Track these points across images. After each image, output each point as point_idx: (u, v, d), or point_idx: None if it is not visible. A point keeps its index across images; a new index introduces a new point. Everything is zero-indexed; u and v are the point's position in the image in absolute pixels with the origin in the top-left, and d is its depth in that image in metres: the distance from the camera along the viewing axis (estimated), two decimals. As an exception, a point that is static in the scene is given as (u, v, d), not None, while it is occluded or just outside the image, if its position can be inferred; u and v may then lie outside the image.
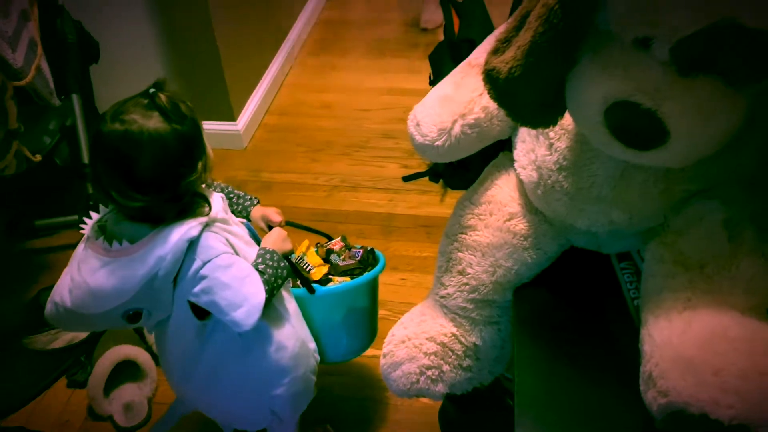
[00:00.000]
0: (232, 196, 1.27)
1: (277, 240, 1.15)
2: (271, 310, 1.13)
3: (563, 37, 0.79)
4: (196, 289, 1.02)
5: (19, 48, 1.41)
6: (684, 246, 0.88)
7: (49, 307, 1.06)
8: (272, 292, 1.07)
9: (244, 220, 1.22)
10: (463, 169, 1.21)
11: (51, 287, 1.74)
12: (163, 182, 0.99)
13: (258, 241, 1.19)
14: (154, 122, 0.97)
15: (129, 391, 1.57)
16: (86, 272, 1.01)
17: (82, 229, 1.07)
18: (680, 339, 0.77)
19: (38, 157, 1.68)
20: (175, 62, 2.26)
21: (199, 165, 1.01)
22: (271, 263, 1.09)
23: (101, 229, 1.04)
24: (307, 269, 1.32)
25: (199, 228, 1.01)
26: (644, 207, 0.93)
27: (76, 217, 1.84)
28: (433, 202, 2.13)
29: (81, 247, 1.05)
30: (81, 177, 1.89)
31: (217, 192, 1.15)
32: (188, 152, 1.00)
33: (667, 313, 0.82)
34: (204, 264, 1.01)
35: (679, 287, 0.85)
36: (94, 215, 1.07)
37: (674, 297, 0.83)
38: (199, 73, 2.26)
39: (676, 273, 0.86)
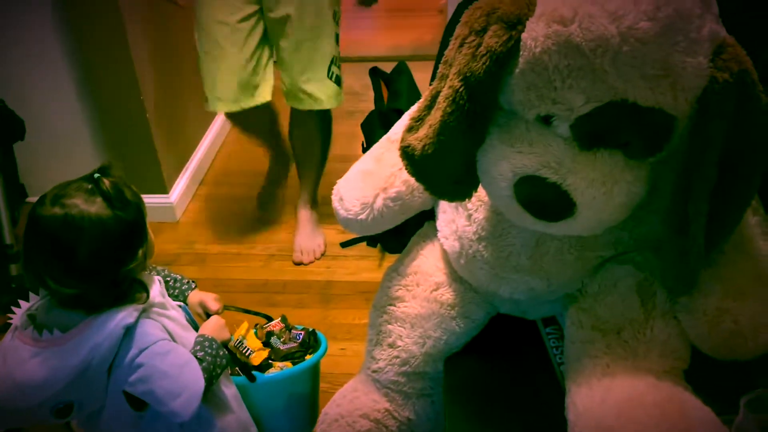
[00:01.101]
0: (169, 279, 1.24)
1: (215, 328, 1.12)
2: (212, 395, 1.09)
3: (470, 116, 0.81)
4: (132, 377, 0.97)
5: (-69, 132, 1.38)
6: (600, 311, 0.91)
7: None
8: (211, 380, 1.04)
9: (182, 304, 1.19)
10: (400, 234, 1.22)
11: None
12: (101, 269, 0.96)
13: (195, 326, 1.16)
14: (96, 208, 0.94)
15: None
16: (13, 364, 0.96)
17: (10, 318, 1.02)
18: (600, 407, 0.78)
19: (-45, 241, 1.61)
20: (105, 136, 2.23)
21: (140, 252, 0.99)
22: (210, 350, 1.06)
23: (31, 318, 1.00)
24: (247, 354, 1.29)
25: (136, 314, 0.98)
26: (561, 274, 0.95)
27: (-4, 301, 1.77)
28: (372, 267, 2.13)
29: (8, 337, 1.00)
30: (2, 259, 1.82)
31: (155, 275, 1.12)
32: (130, 239, 0.97)
33: (588, 380, 0.84)
34: (141, 351, 0.97)
35: (598, 353, 0.86)
36: (24, 304, 1.03)
37: (594, 363, 0.85)
38: (130, 146, 2.23)
39: (594, 338, 0.88)
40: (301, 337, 1.33)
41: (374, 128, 1.39)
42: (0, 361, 0.98)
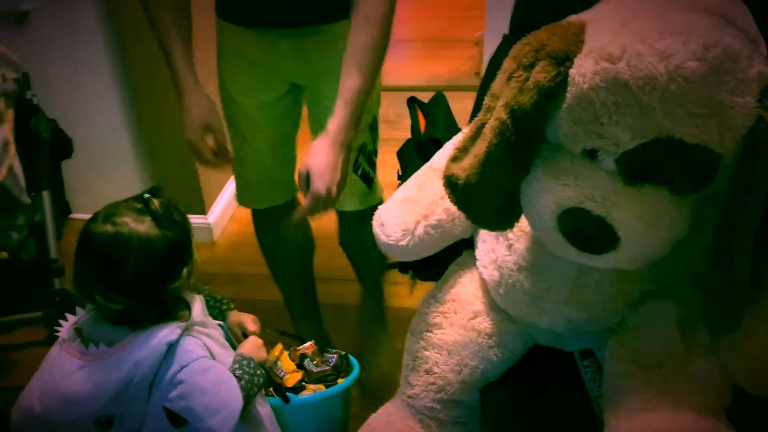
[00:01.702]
0: (209, 299, 1.27)
1: (252, 347, 1.13)
2: (247, 414, 1.11)
3: (516, 148, 0.83)
4: (173, 394, 0.99)
5: (-9, 149, 1.44)
6: (641, 345, 0.91)
7: (16, 414, 1.01)
8: (249, 399, 1.05)
9: (221, 323, 1.21)
10: (432, 262, 1.23)
11: (10, 388, 1.70)
12: (147, 287, 0.99)
13: (233, 345, 1.18)
14: (145, 227, 0.98)
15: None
16: (59, 377, 0.99)
17: (56, 331, 1.05)
18: (641, 442, 0.78)
19: (4, 254, 1.67)
20: (148, 155, 2.29)
21: (185, 271, 1.02)
22: (247, 369, 1.07)
23: (78, 331, 1.03)
24: (281, 375, 1.31)
25: (179, 332, 1.00)
26: (601, 306, 0.95)
27: (40, 313, 1.81)
28: (403, 293, 2.14)
29: (55, 349, 1.03)
30: (47, 273, 1.86)
31: (197, 294, 1.15)
32: (175, 258, 1.00)
33: (628, 414, 0.84)
34: (182, 368, 0.99)
35: (638, 387, 0.86)
36: (71, 317, 1.06)
37: (633, 397, 0.85)
38: (171, 167, 2.29)
39: (634, 372, 0.88)
40: (333, 360, 1.34)
41: (411, 157, 1.41)
42: (47, 372, 1.01)
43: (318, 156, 1.12)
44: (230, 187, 2.55)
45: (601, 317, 0.97)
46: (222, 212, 2.46)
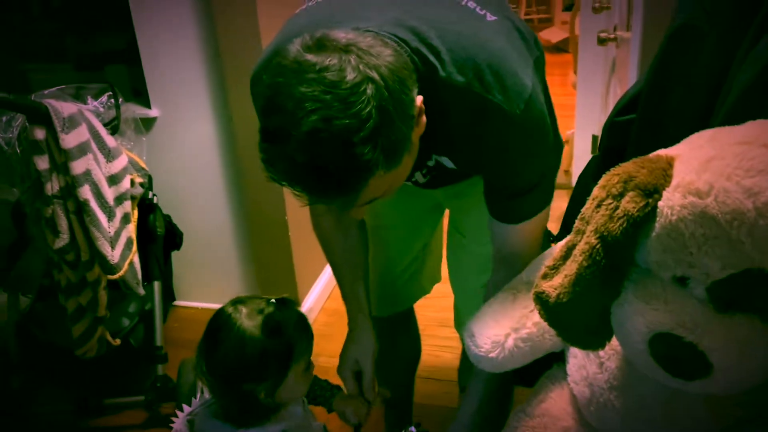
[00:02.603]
0: (316, 387, 1.30)
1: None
2: None
3: (606, 271, 0.86)
4: None
5: (117, 246, 1.59)
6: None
7: None
8: None
9: (321, 426, 1.24)
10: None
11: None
12: (228, 377, 1.05)
13: None
14: (250, 324, 1.04)
15: None
16: None
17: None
18: None
19: (117, 341, 1.80)
20: (247, 250, 2.44)
21: (270, 383, 1.06)
22: None
23: (190, 423, 1.10)
24: None
25: None
26: (694, 429, 0.94)
27: (142, 398, 1.93)
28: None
29: None
30: (152, 359, 1.99)
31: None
32: (262, 366, 1.06)
33: None
34: None
35: None
36: (186, 408, 1.13)
37: None
38: (269, 259, 2.42)
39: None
40: None
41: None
42: None
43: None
44: (323, 279, 2.65)
45: (696, 442, 0.95)
46: (314, 303, 2.55)
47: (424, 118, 0.93)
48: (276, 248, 2.38)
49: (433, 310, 2.49)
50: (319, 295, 2.59)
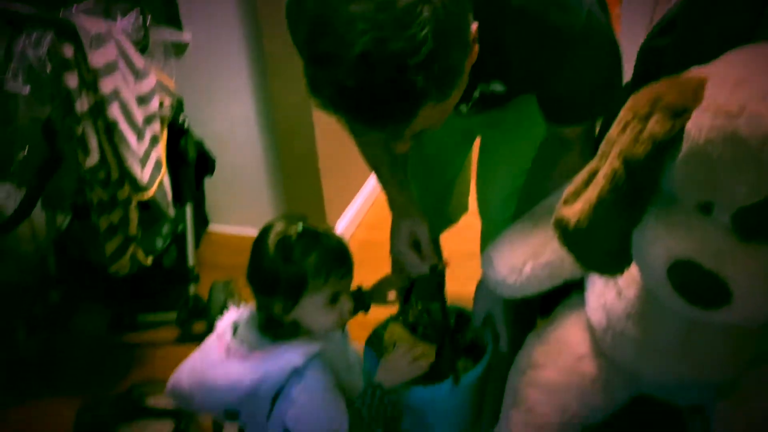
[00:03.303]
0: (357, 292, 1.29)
1: (386, 371, 1.12)
2: None
3: (628, 196, 0.84)
4: (290, 413, 1.05)
5: (146, 166, 1.61)
6: (755, 409, 0.87)
7: (170, 383, 1.13)
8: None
9: (357, 350, 1.23)
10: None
11: (143, 382, 1.87)
12: (252, 287, 1.07)
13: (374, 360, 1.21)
14: (272, 242, 1.03)
15: (202, 491, 1.62)
16: (206, 364, 1.08)
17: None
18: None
19: (150, 260, 1.84)
20: (278, 176, 2.45)
21: (283, 304, 1.05)
22: (370, 402, 1.07)
23: (234, 327, 1.12)
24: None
25: (305, 359, 1.05)
26: (712, 363, 0.93)
27: (174, 315, 1.99)
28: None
29: (213, 338, 1.12)
30: (184, 280, 2.04)
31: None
32: (273, 284, 1.04)
33: (733, 478, 0.81)
34: (301, 393, 1.05)
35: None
36: (234, 311, 1.15)
37: (741, 461, 0.82)
38: (299, 188, 2.43)
39: (744, 435, 0.85)
40: (440, 320, 1.30)
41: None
42: (199, 356, 1.10)
43: None
44: (352, 209, 2.66)
45: (713, 374, 0.94)
46: (343, 232, 2.57)
47: (476, 47, 0.87)
48: (306, 177, 2.39)
49: (462, 242, 2.48)
50: (348, 225, 2.60)
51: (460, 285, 2.28)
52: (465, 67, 0.86)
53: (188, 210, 2.07)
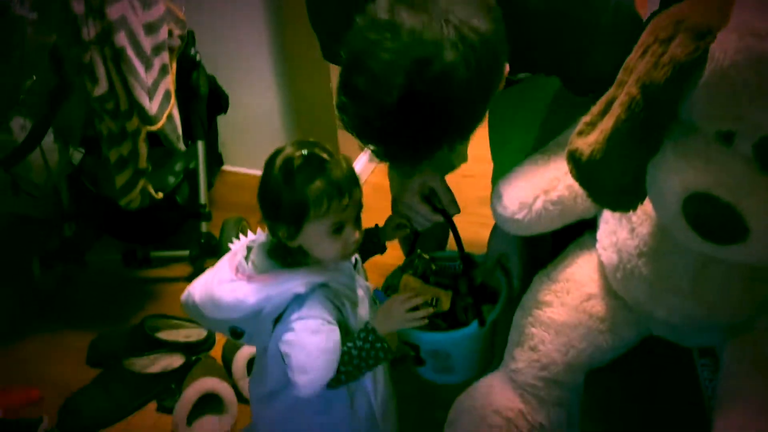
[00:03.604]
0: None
1: (383, 318, 1.10)
2: (359, 386, 1.15)
3: (644, 125, 0.79)
4: (285, 337, 1.06)
5: (155, 98, 1.58)
6: (766, 350, 0.84)
7: (185, 294, 1.15)
8: (349, 374, 1.08)
9: (371, 286, 1.22)
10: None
11: (155, 315, 1.89)
12: (265, 215, 1.06)
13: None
14: (277, 163, 1.02)
15: (209, 423, 1.63)
16: (216, 281, 1.09)
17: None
18: (748, 447, 0.73)
19: (160, 195, 1.83)
20: (294, 115, 2.42)
21: (285, 228, 1.03)
22: (362, 345, 1.07)
23: (248, 249, 1.12)
24: (433, 303, 1.21)
25: (307, 288, 1.05)
26: (725, 303, 0.89)
27: (187, 252, 1.99)
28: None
29: (226, 256, 1.13)
30: (196, 216, 2.03)
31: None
32: (275, 207, 1.03)
33: (739, 419, 0.78)
34: (299, 320, 1.05)
35: (756, 393, 0.81)
36: (251, 235, 1.16)
37: (748, 402, 0.79)
38: (314, 131, 2.40)
39: (754, 377, 0.82)
40: (452, 266, 1.32)
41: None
42: (212, 273, 1.11)
43: None
44: (365, 155, 2.62)
45: (725, 315, 0.91)
46: (358, 174, 2.54)
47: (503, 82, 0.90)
48: (321, 120, 2.35)
49: (476, 188, 2.45)
50: (363, 169, 2.57)
51: (472, 233, 2.26)
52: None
53: (200, 147, 2.05)
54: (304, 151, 1.02)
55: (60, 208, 2.06)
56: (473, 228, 2.31)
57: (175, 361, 1.79)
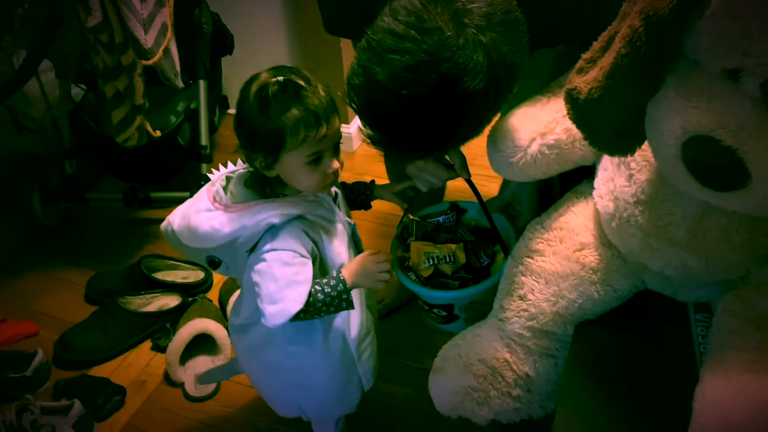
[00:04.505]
0: (349, 190, 1.28)
1: (354, 272, 1.09)
2: (333, 321, 1.14)
3: (646, 60, 0.74)
4: (257, 266, 1.05)
5: (151, 30, 1.53)
6: (761, 304, 0.80)
7: (165, 222, 1.15)
8: (311, 314, 1.06)
9: (352, 222, 1.20)
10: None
11: (153, 255, 1.88)
12: (240, 138, 1.03)
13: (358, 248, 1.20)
14: (254, 92, 0.99)
15: (202, 363, 1.64)
16: (194, 210, 1.08)
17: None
18: (731, 402, 0.70)
19: (158, 133, 1.80)
20: (301, 60, 2.36)
21: (262, 157, 1.01)
22: (329, 291, 1.06)
23: (227, 179, 1.11)
24: (450, 260, 1.20)
25: (282, 219, 1.03)
26: (723, 256, 0.85)
27: (188, 194, 1.97)
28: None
29: (207, 186, 1.12)
30: (197, 158, 2.01)
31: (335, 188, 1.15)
32: (251, 136, 1.00)
33: (726, 372, 0.75)
34: (272, 250, 1.04)
35: (746, 346, 0.77)
36: (231, 166, 1.14)
37: (737, 356, 0.76)
38: (321, 74, 2.34)
39: (745, 331, 0.79)
40: (447, 219, 1.31)
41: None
42: (191, 202, 1.10)
43: None
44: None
45: (722, 267, 0.86)
46: (359, 133, 2.49)
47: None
48: (328, 66, 2.29)
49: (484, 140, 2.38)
50: (357, 133, 2.52)
51: (479, 186, 2.21)
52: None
53: (201, 86, 2.01)
54: (280, 78, 0.98)
55: (61, 145, 2.04)
56: (479, 180, 2.26)
57: (172, 301, 1.79)
